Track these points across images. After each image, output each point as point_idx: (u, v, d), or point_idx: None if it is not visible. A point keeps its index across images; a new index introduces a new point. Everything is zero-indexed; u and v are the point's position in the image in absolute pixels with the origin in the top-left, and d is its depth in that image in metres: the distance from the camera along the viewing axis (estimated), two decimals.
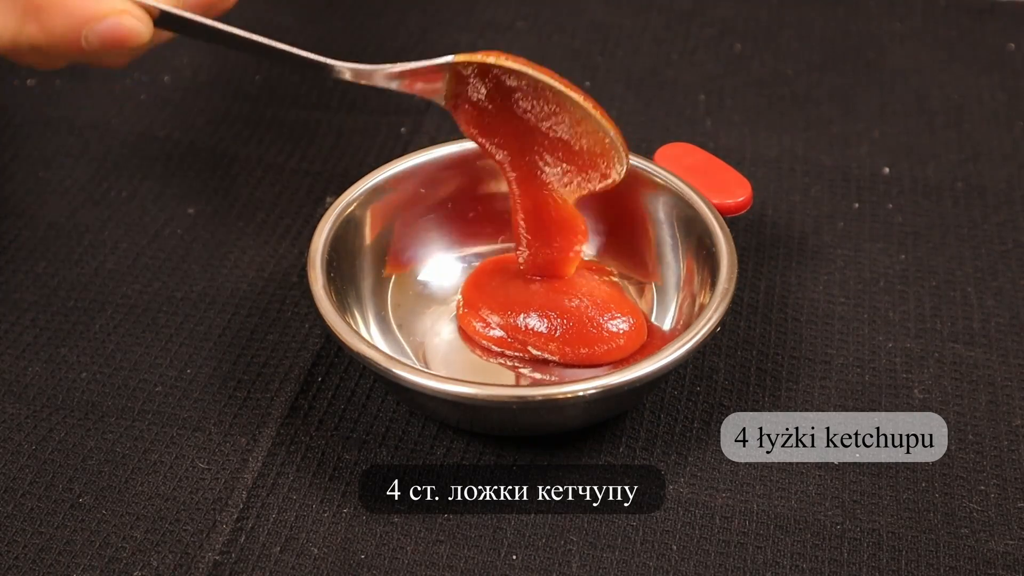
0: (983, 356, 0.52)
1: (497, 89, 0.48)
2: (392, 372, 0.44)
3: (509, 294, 0.51)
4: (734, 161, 0.62)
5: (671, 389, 0.50)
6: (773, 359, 0.51)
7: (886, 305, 0.54)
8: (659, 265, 0.53)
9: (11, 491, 0.46)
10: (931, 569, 0.43)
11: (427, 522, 0.45)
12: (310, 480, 0.46)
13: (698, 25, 0.75)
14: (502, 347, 0.50)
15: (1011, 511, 0.45)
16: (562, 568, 0.43)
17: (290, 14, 0.75)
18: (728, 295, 0.46)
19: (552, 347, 0.49)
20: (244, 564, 0.43)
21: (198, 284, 0.55)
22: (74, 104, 0.67)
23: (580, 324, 0.49)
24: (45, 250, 0.57)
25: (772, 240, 0.58)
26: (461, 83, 0.48)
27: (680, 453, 0.47)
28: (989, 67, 0.71)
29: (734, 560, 0.44)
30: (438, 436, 0.48)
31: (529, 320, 0.50)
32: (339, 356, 0.51)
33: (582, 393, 0.43)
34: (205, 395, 0.50)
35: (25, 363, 0.51)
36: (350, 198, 0.51)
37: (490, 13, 0.75)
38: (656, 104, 0.67)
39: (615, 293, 0.52)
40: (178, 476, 0.46)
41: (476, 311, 0.51)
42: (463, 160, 0.54)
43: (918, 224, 0.59)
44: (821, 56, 0.72)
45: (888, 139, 0.65)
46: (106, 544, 0.44)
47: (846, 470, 0.47)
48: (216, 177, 0.62)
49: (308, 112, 0.67)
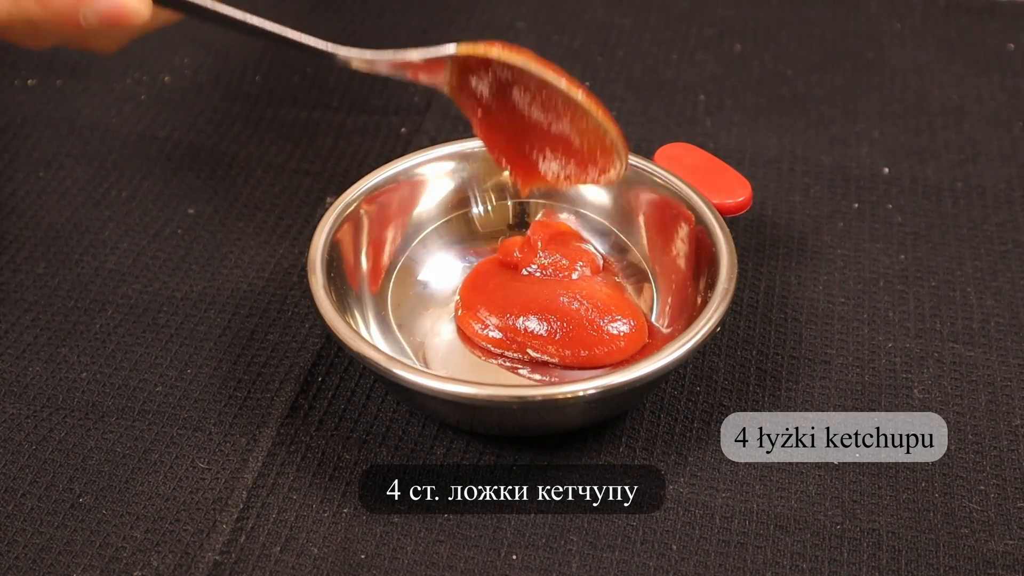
0: (983, 356, 0.52)
1: (498, 81, 0.48)
2: (392, 372, 0.44)
3: (507, 296, 0.51)
4: (734, 161, 0.62)
5: (671, 389, 0.50)
6: (773, 359, 0.51)
7: (886, 305, 0.54)
8: (659, 265, 0.53)
9: (11, 491, 0.46)
10: (931, 569, 0.43)
11: (427, 522, 0.45)
12: (310, 480, 0.46)
13: (698, 25, 0.75)
14: (501, 348, 0.50)
15: (1011, 511, 0.45)
16: (562, 568, 0.43)
17: (290, 13, 0.75)
18: (728, 295, 0.46)
19: (551, 350, 0.49)
20: (244, 564, 0.43)
21: (198, 284, 0.55)
22: (74, 104, 0.67)
23: (580, 327, 0.49)
24: (45, 250, 0.57)
25: (772, 240, 0.58)
26: (464, 73, 0.48)
27: (680, 453, 0.47)
28: (989, 67, 0.71)
29: (734, 560, 0.44)
30: (438, 436, 0.48)
31: (528, 323, 0.50)
32: (339, 356, 0.51)
33: (582, 393, 0.43)
34: (205, 395, 0.50)
35: (25, 363, 0.51)
36: (350, 198, 0.51)
37: (490, 13, 0.75)
38: (656, 104, 0.67)
39: (616, 294, 0.51)
40: (178, 476, 0.46)
41: (474, 313, 0.51)
42: (463, 160, 0.54)
43: (918, 224, 0.59)
44: (821, 56, 0.72)
45: (888, 139, 0.65)
46: (106, 544, 0.44)
47: (846, 470, 0.47)
48: (216, 177, 0.62)
49: (308, 112, 0.67)
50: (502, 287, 0.51)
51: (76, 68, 0.70)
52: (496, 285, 0.52)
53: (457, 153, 0.54)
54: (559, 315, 0.49)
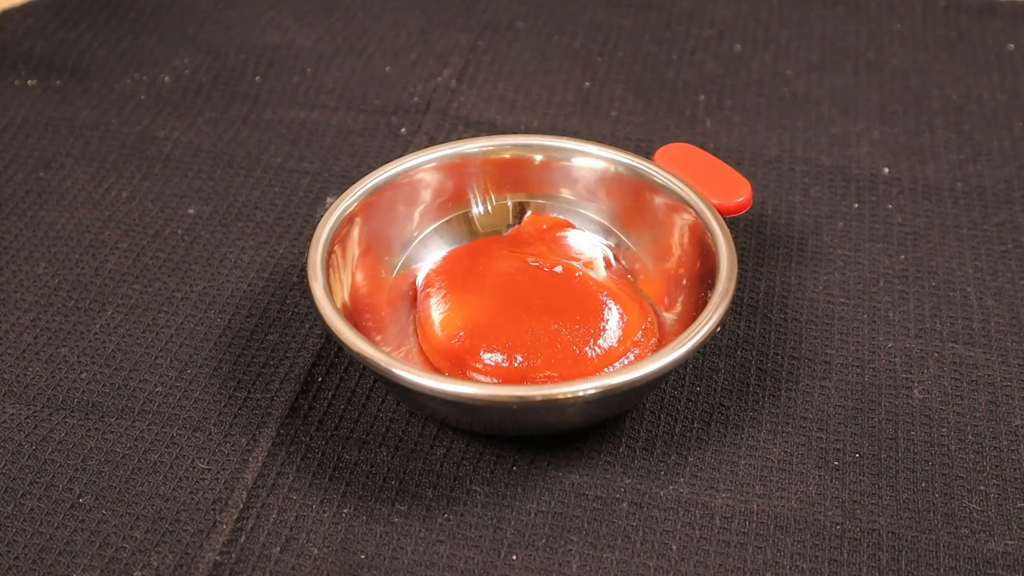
0: (983, 356, 0.52)
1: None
2: (392, 372, 0.44)
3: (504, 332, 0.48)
4: (734, 161, 0.62)
5: (671, 389, 0.50)
6: (773, 359, 0.51)
7: (886, 305, 0.54)
8: (659, 265, 0.53)
9: (11, 491, 0.46)
10: (931, 569, 0.43)
11: (427, 522, 0.45)
12: (310, 480, 0.46)
13: (698, 25, 0.75)
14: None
15: (1011, 511, 0.45)
16: (562, 568, 0.43)
17: (289, 13, 0.75)
18: (728, 295, 0.46)
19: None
20: (244, 564, 0.43)
21: (198, 284, 0.55)
22: (74, 104, 0.67)
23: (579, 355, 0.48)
24: (45, 250, 0.57)
25: (772, 240, 0.58)
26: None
27: (680, 453, 0.47)
28: (989, 67, 0.71)
29: (734, 560, 0.44)
30: (438, 436, 0.48)
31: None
32: (339, 356, 0.51)
33: (582, 393, 0.43)
34: (205, 395, 0.50)
35: (25, 363, 0.51)
36: (350, 198, 0.51)
37: (490, 13, 0.75)
38: (656, 104, 0.68)
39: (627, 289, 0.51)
40: (178, 476, 0.46)
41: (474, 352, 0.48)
42: (463, 159, 0.54)
43: (918, 224, 0.59)
44: (821, 56, 0.72)
45: (888, 139, 0.65)
46: (106, 544, 0.44)
47: (846, 470, 0.47)
48: (216, 177, 0.62)
49: (308, 112, 0.67)
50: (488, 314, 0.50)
51: (76, 68, 0.70)
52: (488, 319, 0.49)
53: (457, 153, 0.54)
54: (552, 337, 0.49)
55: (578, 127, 0.65)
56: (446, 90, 0.68)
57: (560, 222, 0.54)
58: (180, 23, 0.74)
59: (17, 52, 0.71)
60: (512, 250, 0.52)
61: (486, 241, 0.54)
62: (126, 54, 0.71)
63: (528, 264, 0.51)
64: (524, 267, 0.51)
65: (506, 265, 0.51)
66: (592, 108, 0.67)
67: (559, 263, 0.51)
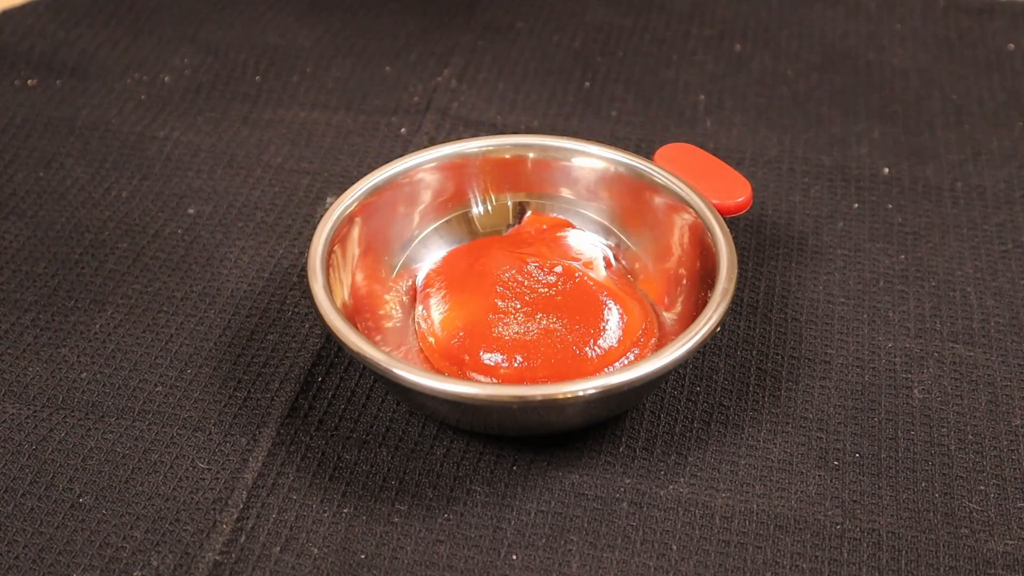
0: (983, 356, 0.52)
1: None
2: (392, 372, 0.44)
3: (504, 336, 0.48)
4: (734, 161, 0.62)
5: (671, 389, 0.50)
6: (773, 359, 0.51)
7: (886, 305, 0.54)
8: (659, 265, 0.53)
9: (11, 491, 0.46)
10: (931, 569, 0.43)
11: (427, 522, 0.45)
12: (310, 480, 0.46)
13: (698, 25, 0.75)
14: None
15: (1011, 511, 0.45)
16: (562, 568, 0.43)
17: (289, 12, 0.75)
18: (728, 295, 0.46)
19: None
20: (244, 564, 0.43)
21: (198, 284, 0.55)
22: (74, 104, 0.67)
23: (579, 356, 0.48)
24: (45, 250, 0.57)
25: (772, 240, 0.58)
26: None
27: (680, 453, 0.47)
28: (989, 67, 0.71)
29: (734, 560, 0.44)
30: (438, 436, 0.48)
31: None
32: (339, 356, 0.51)
33: (582, 393, 0.43)
34: (205, 395, 0.50)
35: (25, 363, 0.51)
36: (350, 198, 0.51)
37: (490, 13, 0.75)
38: (656, 104, 0.68)
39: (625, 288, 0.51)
40: (178, 476, 0.46)
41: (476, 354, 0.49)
42: (463, 159, 0.54)
43: (918, 224, 0.59)
44: (821, 56, 0.72)
45: (888, 139, 0.65)
46: (106, 544, 0.44)
47: (846, 470, 0.47)
48: (216, 177, 0.62)
49: (308, 112, 0.67)
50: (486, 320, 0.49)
51: (76, 68, 0.70)
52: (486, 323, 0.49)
53: (457, 153, 0.54)
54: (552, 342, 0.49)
55: (578, 127, 0.65)
56: (446, 90, 0.68)
57: (560, 222, 0.54)
58: (180, 23, 0.74)
59: (17, 52, 0.71)
60: (512, 250, 0.52)
61: (486, 241, 0.54)
62: (126, 54, 0.71)
63: (528, 264, 0.51)
64: (524, 267, 0.51)
65: (506, 265, 0.51)
66: (592, 108, 0.67)
67: (559, 263, 0.51)
